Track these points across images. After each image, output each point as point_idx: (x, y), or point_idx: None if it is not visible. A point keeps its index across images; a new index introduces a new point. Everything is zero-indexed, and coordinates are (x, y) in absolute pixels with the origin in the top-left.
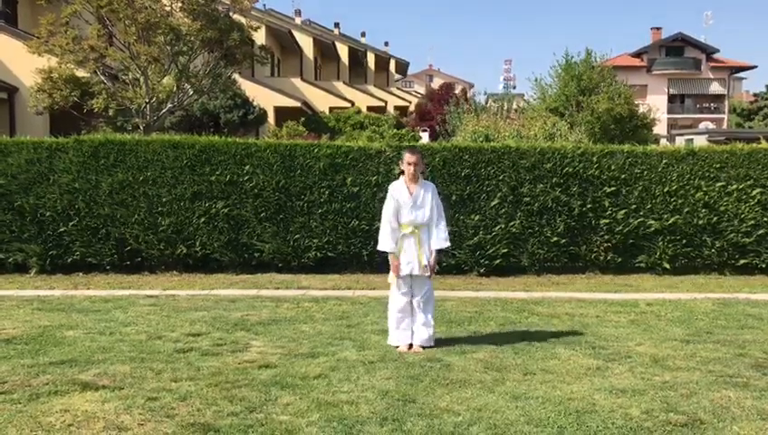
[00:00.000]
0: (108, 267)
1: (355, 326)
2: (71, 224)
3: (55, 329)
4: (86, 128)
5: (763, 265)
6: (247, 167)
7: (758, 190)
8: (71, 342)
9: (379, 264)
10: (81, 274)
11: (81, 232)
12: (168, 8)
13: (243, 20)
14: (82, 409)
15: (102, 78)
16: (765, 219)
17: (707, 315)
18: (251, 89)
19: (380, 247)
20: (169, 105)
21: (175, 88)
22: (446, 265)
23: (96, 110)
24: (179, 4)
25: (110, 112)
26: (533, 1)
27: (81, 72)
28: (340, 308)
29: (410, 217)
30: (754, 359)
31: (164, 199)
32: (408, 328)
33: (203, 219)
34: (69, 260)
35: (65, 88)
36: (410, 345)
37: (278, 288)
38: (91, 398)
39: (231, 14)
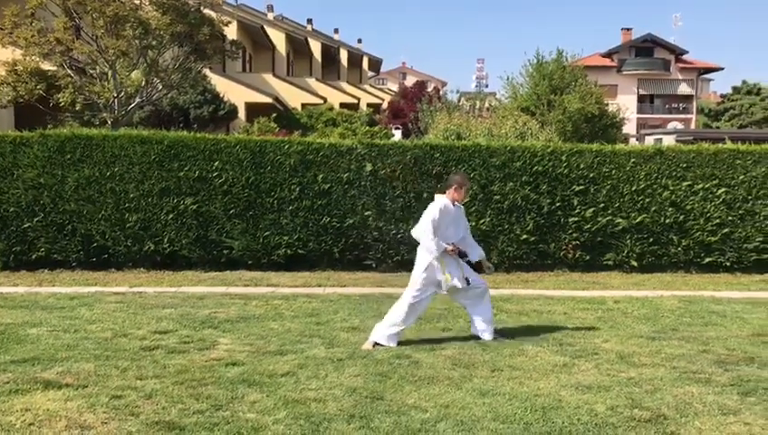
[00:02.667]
0: (74, 264)
1: (324, 324)
2: (35, 220)
3: (18, 327)
4: (52, 122)
5: (728, 264)
6: (216, 163)
7: (723, 190)
8: (34, 339)
9: (350, 261)
10: (46, 270)
11: (47, 228)
12: (137, 1)
13: (213, 15)
14: (44, 408)
15: (69, 71)
16: (730, 218)
17: (673, 313)
18: (222, 84)
19: (438, 252)
20: (138, 100)
21: (143, 82)
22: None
23: (62, 104)
24: None
25: (77, 107)
26: (507, 0)
27: (46, 66)
28: (309, 305)
29: (450, 232)
30: (717, 355)
31: (131, 195)
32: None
33: (171, 216)
34: (33, 257)
35: (30, 81)
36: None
37: (247, 285)
38: (53, 396)
39: (201, 8)
